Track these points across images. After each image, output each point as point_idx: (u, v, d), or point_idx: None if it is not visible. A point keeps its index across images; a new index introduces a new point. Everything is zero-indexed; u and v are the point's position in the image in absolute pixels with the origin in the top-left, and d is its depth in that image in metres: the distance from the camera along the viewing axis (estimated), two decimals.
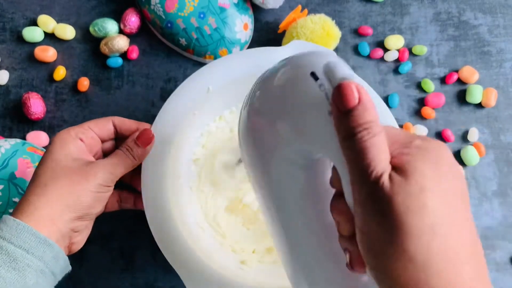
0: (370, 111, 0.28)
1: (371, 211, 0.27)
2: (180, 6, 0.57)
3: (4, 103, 0.60)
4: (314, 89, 0.31)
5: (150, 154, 0.46)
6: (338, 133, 0.29)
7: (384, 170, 0.27)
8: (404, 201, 0.26)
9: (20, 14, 0.62)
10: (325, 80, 0.30)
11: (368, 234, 0.28)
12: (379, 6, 0.63)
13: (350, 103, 0.28)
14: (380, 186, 0.27)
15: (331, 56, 0.32)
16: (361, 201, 0.28)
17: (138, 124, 0.47)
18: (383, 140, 0.28)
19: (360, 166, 0.27)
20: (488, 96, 0.60)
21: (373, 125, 0.28)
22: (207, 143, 0.54)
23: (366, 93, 0.28)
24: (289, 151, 0.34)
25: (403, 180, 0.27)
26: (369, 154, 0.27)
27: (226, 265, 0.48)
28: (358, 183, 0.28)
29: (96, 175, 0.42)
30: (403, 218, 0.26)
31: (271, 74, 0.35)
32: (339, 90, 0.28)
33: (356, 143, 0.28)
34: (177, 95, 0.48)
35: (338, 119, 0.29)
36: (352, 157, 0.28)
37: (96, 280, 0.56)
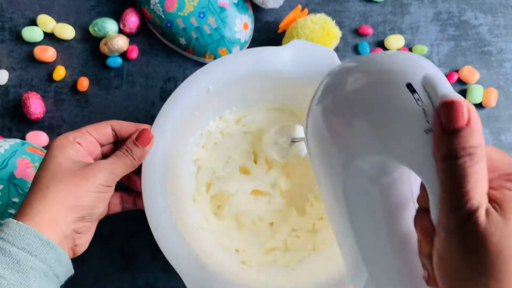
0: (478, 135, 0.26)
1: (458, 243, 0.26)
2: (179, 5, 0.57)
3: (3, 103, 0.60)
4: (410, 102, 0.28)
5: (150, 154, 0.46)
6: (436, 152, 0.27)
7: (480, 204, 0.26)
8: (499, 244, 0.25)
9: (19, 14, 0.62)
10: (424, 94, 0.28)
11: (449, 263, 0.27)
12: (379, 6, 0.63)
13: (458, 123, 0.26)
14: (474, 221, 0.25)
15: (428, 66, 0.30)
16: (448, 229, 0.26)
17: (137, 126, 0.47)
18: (485, 169, 0.26)
19: (455, 193, 0.26)
20: (488, 96, 0.59)
21: (478, 150, 0.26)
22: (207, 144, 0.54)
23: (475, 113, 0.26)
24: (366, 161, 0.32)
25: (501, 220, 0.25)
26: (468, 183, 0.26)
27: (226, 265, 0.48)
28: (448, 210, 0.26)
29: (97, 175, 0.42)
30: (493, 261, 0.25)
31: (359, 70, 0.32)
32: (448, 108, 0.26)
33: (456, 168, 0.26)
34: (177, 95, 0.47)
35: (440, 138, 0.27)
36: (448, 181, 0.26)
37: (96, 281, 0.56)
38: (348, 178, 0.34)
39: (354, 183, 0.34)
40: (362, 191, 0.34)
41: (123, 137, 0.47)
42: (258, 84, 0.50)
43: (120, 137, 0.47)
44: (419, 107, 0.28)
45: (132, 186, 0.49)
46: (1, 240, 0.38)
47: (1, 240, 0.38)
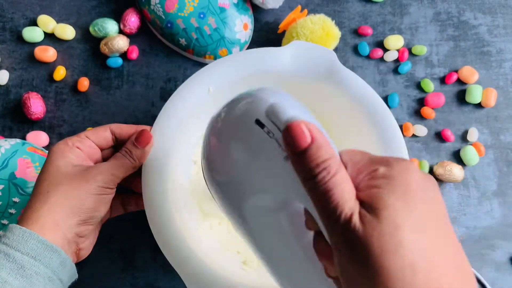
0: (325, 148, 0.27)
1: (347, 255, 0.26)
2: (180, 6, 0.57)
3: (4, 103, 0.60)
4: (263, 137, 0.30)
5: (150, 155, 0.46)
6: (299, 175, 0.28)
7: (353, 210, 0.26)
8: (379, 243, 0.25)
9: (20, 14, 0.62)
10: (271, 125, 0.29)
11: (348, 277, 0.26)
12: (378, 6, 0.63)
13: (302, 143, 0.27)
14: (352, 228, 0.25)
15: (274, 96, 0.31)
16: (336, 244, 0.27)
17: (136, 128, 0.47)
18: (345, 176, 0.27)
19: (327, 208, 0.26)
20: (487, 96, 0.60)
21: (331, 162, 0.27)
22: None
23: (317, 130, 0.27)
24: (257, 199, 0.33)
25: (374, 219, 0.25)
26: (334, 196, 0.26)
27: (227, 266, 0.48)
28: (328, 226, 0.27)
29: (96, 178, 0.42)
30: (380, 261, 0.25)
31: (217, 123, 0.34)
32: (289, 132, 0.27)
33: (318, 185, 0.26)
34: (177, 96, 0.47)
35: (295, 162, 0.28)
36: (318, 200, 0.27)
37: (96, 281, 0.56)
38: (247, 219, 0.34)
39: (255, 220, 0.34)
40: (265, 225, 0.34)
41: (123, 140, 0.47)
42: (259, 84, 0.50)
43: (120, 141, 0.47)
44: (272, 138, 0.29)
45: (133, 188, 0.49)
46: (5, 246, 0.38)
47: (5, 246, 0.38)
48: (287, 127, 0.27)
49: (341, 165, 0.27)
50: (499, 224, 0.58)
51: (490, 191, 0.58)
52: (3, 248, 0.38)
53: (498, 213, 0.58)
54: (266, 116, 0.30)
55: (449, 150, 0.59)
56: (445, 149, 0.59)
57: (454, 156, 0.59)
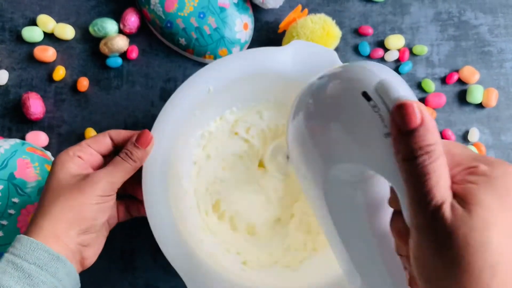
0: (433, 133, 0.27)
1: (428, 240, 0.26)
2: (179, 6, 0.57)
3: (3, 103, 0.60)
4: (368, 110, 0.30)
5: (150, 155, 0.46)
6: (397, 154, 0.28)
7: (445, 199, 0.26)
8: (466, 237, 0.25)
9: (19, 14, 0.62)
10: (379, 100, 0.29)
11: (423, 261, 0.27)
12: (379, 6, 0.63)
13: (412, 123, 0.27)
14: (440, 216, 0.26)
15: (382, 72, 0.31)
16: (418, 227, 0.27)
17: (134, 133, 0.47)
18: (445, 165, 0.27)
19: (419, 192, 0.26)
20: (488, 96, 0.59)
21: (435, 148, 0.27)
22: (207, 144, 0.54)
23: (427, 113, 0.27)
24: (342, 169, 0.33)
25: (465, 213, 0.25)
26: (430, 181, 0.26)
27: (227, 266, 0.48)
28: (416, 209, 0.27)
29: (94, 187, 0.42)
30: (463, 254, 0.25)
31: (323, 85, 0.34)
32: (400, 110, 0.27)
33: (416, 167, 0.26)
34: (178, 96, 0.47)
35: (398, 140, 0.28)
36: (411, 181, 0.27)
37: (96, 281, 0.56)
38: (327, 185, 0.35)
39: (333, 190, 0.35)
40: (342, 197, 0.35)
41: (122, 145, 0.47)
42: (259, 84, 0.50)
43: (118, 146, 0.47)
44: (376, 113, 0.29)
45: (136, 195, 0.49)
46: (13, 256, 0.39)
47: (13, 256, 0.39)
48: (400, 104, 0.27)
49: (443, 154, 0.27)
50: None
51: None
52: (11, 258, 0.39)
53: None
54: (375, 90, 0.30)
55: None
56: None
57: None
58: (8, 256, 0.39)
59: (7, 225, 0.51)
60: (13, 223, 0.51)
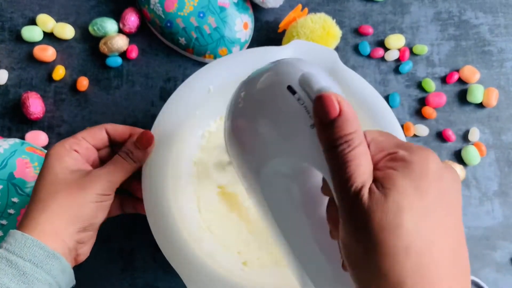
0: (352, 122, 0.28)
1: (349, 225, 0.27)
2: (179, 5, 0.57)
3: (3, 102, 0.60)
4: (293, 103, 0.31)
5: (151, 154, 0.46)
6: (321, 144, 0.29)
7: (364, 183, 0.27)
8: (381, 220, 0.26)
9: (19, 14, 0.62)
10: (302, 93, 0.30)
11: (348, 246, 0.28)
12: (379, 5, 0.63)
13: (330, 114, 0.28)
14: (359, 200, 0.27)
15: (307, 66, 0.32)
16: (342, 213, 0.28)
17: (131, 130, 0.47)
18: (365, 151, 0.28)
19: (341, 178, 0.27)
20: (489, 95, 0.59)
21: (354, 136, 0.28)
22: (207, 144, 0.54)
23: (347, 103, 0.28)
24: (275, 162, 0.34)
25: (382, 197, 0.26)
26: (349, 167, 0.27)
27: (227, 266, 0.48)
28: (340, 195, 0.28)
29: (95, 186, 0.42)
30: (378, 236, 0.26)
31: (252, 81, 0.35)
32: (319, 102, 0.28)
33: (337, 156, 0.28)
34: (178, 96, 0.47)
35: (320, 131, 0.29)
36: (335, 169, 0.28)
37: (95, 280, 0.56)
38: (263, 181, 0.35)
39: (270, 185, 0.36)
40: (279, 191, 0.36)
41: (118, 140, 0.47)
42: None
43: (114, 141, 0.47)
44: (301, 105, 0.30)
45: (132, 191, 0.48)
46: (7, 252, 0.38)
47: (7, 252, 0.38)
48: (319, 96, 0.28)
49: (364, 141, 0.28)
50: (500, 224, 0.57)
51: (491, 191, 0.58)
52: (5, 254, 0.38)
53: (499, 214, 0.58)
54: (299, 84, 0.31)
55: (450, 150, 0.59)
56: (446, 149, 0.59)
57: (455, 156, 0.59)
58: (2, 253, 0.38)
59: (6, 225, 0.51)
60: (13, 222, 0.51)
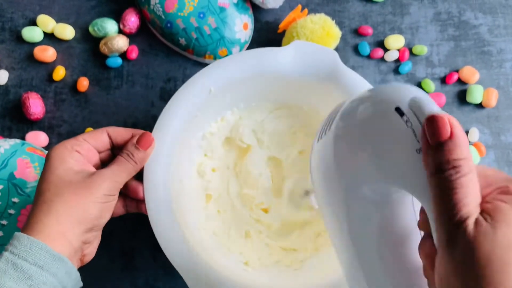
0: (462, 148, 0.27)
1: (450, 256, 0.26)
2: (179, 6, 0.57)
3: (3, 103, 0.60)
4: (400, 125, 0.30)
5: (152, 155, 0.46)
6: (426, 168, 0.28)
7: (471, 214, 0.25)
8: (489, 254, 0.24)
9: (19, 14, 0.62)
10: (412, 115, 0.30)
11: (445, 279, 0.26)
12: (379, 6, 0.63)
13: (442, 136, 0.27)
14: (463, 230, 0.25)
15: (415, 91, 0.31)
16: (442, 243, 0.26)
17: (132, 132, 0.47)
18: (474, 181, 0.27)
19: (445, 206, 0.26)
20: (488, 96, 0.59)
21: (463, 163, 0.26)
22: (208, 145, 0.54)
23: (459, 127, 0.27)
24: (368, 188, 0.33)
25: (490, 229, 0.25)
26: (456, 195, 0.26)
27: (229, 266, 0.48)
28: (441, 224, 0.26)
29: (100, 186, 0.42)
30: (484, 271, 0.24)
31: (354, 106, 0.34)
32: (431, 122, 0.27)
33: (443, 181, 0.26)
34: (178, 96, 0.47)
35: (427, 153, 0.27)
36: (439, 195, 0.27)
37: (95, 280, 0.56)
38: (351, 206, 0.34)
39: (358, 211, 0.35)
40: (366, 220, 0.35)
41: (119, 143, 0.47)
42: (260, 85, 0.50)
43: (115, 144, 0.47)
44: (408, 128, 0.29)
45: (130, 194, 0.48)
46: (12, 255, 0.38)
47: (12, 255, 0.38)
48: (431, 116, 0.27)
49: (474, 170, 0.27)
50: None
51: None
52: (11, 257, 0.38)
53: None
54: (409, 106, 0.30)
55: None
56: None
57: None
58: (8, 256, 0.38)
59: (7, 225, 0.51)
60: (13, 223, 0.51)
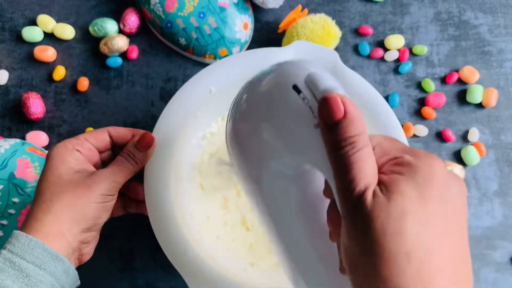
0: (356, 124, 0.28)
1: (351, 227, 0.27)
2: (179, 6, 0.57)
3: (3, 103, 0.60)
4: (298, 102, 0.31)
5: (152, 156, 0.46)
6: (325, 146, 0.29)
7: (368, 186, 0.27)
8: (383, 224, 0.26)
9: (19, 14, 0.62)
10: (308, 92, 0.30)
11: (348, 249, 0.28)
12: (379, 6, 0.63)
13: (335, 116, 0.28)
14: (362, 203, 0.26)
15: (313, 67, 0.32)
16: (344, 215, 0.28)
17: (133, 132, 0.47)
18: (370, 154, 0.28)
19: (345, 180, 0.27)
20: (488, 96, 0.59)
21: (359, 138, 0.27)
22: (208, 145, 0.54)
23: (352, 105, 0.28)
24: (278, 164, 0.34)
25: (385, 201, 0.26)
26: (353, 170, 0.27)
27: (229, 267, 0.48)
28: (342, 198, 0.28)
29: (99, 186, 0.42)
30: (380, 240, 0.26)
31: (256, 82, 0.35)
32: (324, 103, 0.28)
33: (341, 157, 0.27)
34: (179, 96, 0.47)
35: (325, 132, 0.29)
36: (338, 171, 0.28)
37: (95, 280, 0.56)
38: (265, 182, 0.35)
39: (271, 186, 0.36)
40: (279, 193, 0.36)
41: (120, 143, 0.47)
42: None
43: (116, 143, 0.47)
44: (306, 105, 0.30)
45: (131, 194, 0.48)
46: (10, 253, 0.38)
47: (10, 253, 0.38)
48: (324, 97, 0.28)
49: (368, 144, 0.28)
50: (500, 224, 0.58)
51: (491, 191, 0.58)
52: (9, 255, 0.38)
53: (499, 213, 0.58)
54: (305, 83, 0.31)
55: (450, 150, 0.59)
56: (446, 149, 0.59)
57: (455, 156, 0.59)
58: (6, 254, 0.38)
59: (7, 225, 0.51)
60: (13, 223, 0.51)
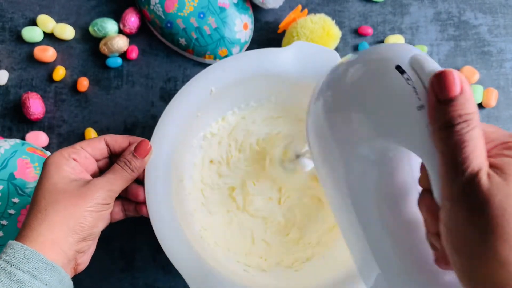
0: (471, 102, 0.27)
1: (462, 209, 0.26)
2: (179, 6, 0.57)
3: (3, 103, 0.60)
4: (401, 83, 0.30)
5: (153, 157, 0.46)
6: (433, 123, 0.28)
7: (481, 166, 0.26)
8: (502, 203, 0.25)
9: (19, 14, 0.62)
10: (412, 73, 0.30)
11: (455, 231, 0.27)
12: (379, 6, 0.63)
13: (452, 91, 0.27)
14: (477, 183, 0.26)
15: (414, 49, 0.32)
16: (452, 197, 0.27)
17: (130, 139, 0.47)
18: (481, 134, 0.27)
19: (455, 159, 0.26)
20: (488, 96, 0.59)
21: (473, 116, 0.27)
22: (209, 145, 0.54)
23: (467, 82, 0.27)
24: (365, 148, 0.33)
25: (502, 181, 0.25)
26: (467, 148, 0.26)
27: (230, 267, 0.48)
28: (450, 178, 0.27)
29: (95, 195, 0.42)
30: (499, 220, 0.25)
31: (347, 67, 0.34)
32: (440, 78, 0.27)
33: (454, 135, 0.26)
34: (179, 97, 0.47)
35: (435, 108, 0.28)
36: (447, 150, 0.27)
37: (95, 281, 0.56)
38: (349, 167, 0.35)
39: (355, 171, 0.35)
40: (364, 179, 0.35)
41: (117, 151, 0.47)
42: (261, 85, 0.50)
43: (113, 152, 0.47)
44: (409, 86, 0.30)
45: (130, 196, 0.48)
46: (5, 263, 0.38)
47: (5, 263, 0.38)
48: (440, 72, 0.27)
49: (480, 124, 0.27)
50: None
51: None
52: (4, 265, 0.38)
53: None
54: (409, 64, 0.30)
55: None
56: None
57: None
58: (1, 264, 0.38)
59: (7, 225, 0.51)
60: (13, 223, 0.51)
